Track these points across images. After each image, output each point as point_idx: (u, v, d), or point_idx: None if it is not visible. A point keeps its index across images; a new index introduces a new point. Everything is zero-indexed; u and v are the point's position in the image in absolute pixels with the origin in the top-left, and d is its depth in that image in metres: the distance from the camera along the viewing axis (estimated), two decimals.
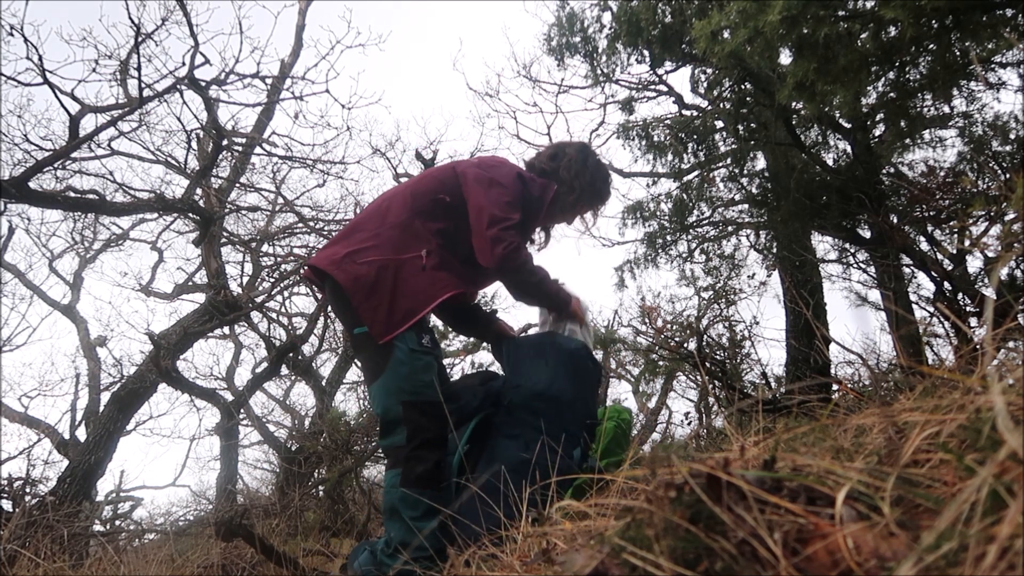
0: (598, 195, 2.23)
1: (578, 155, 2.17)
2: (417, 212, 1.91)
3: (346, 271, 1.84)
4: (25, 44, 5.00)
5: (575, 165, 2.14)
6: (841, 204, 5.50)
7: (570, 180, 2.12)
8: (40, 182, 5.84)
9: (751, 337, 5.15)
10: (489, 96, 8.44)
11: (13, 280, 9.92)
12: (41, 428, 8.39)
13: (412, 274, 1.84)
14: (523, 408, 1.93)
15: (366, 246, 1.88)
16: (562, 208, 2.18)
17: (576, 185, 2.13)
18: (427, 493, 1.73)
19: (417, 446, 1.77)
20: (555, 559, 0.90)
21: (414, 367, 1.79)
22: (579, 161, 2.15)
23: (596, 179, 2.19)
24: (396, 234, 1.88)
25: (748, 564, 0.51)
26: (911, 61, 4.26)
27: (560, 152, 2.18)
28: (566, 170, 2.12)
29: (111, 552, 3.38)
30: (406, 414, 1.78)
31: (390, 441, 1.82)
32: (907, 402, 0.94)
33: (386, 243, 1.88)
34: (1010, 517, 0.45)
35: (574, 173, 2.13)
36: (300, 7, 8.04)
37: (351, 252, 1.87)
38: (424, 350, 1.82)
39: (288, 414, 11.63)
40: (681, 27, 5.84)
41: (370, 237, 1.89)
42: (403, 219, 1.90)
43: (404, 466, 1.76)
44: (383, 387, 1.81)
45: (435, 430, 1.78)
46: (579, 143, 2.26)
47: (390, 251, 1.86)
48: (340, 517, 4.46)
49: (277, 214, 9.21)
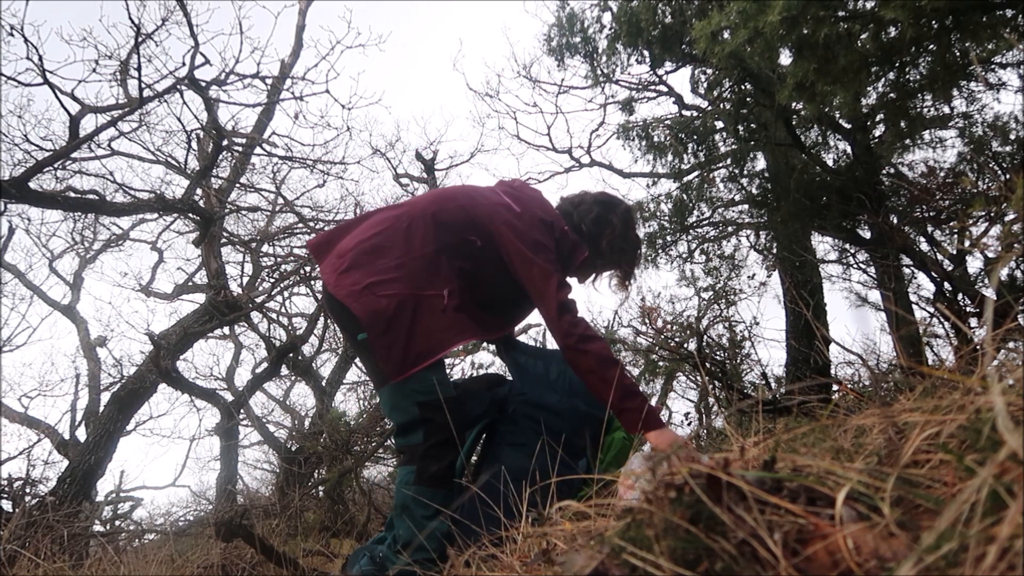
0: (631, 269, 2.17)
1: (621, 227, 2.06)
2: (443, 246, 1.84)
3: (364, 304, 1.79)
4: (25, 44, 5.01)
5: (618, 242, 2.04)
6: (841, 204, 5.50)
7: (607, 254, 2.05)
8: (40, 182, 5.85)
9: (751, 337, 5.15)
10: (489, 96, 8.46)
11: (13, 280, 9.93)
12: (41, 428, 8.39)
13: (430, 313, 1.78)
14: (528, 417, 1.92)
15: (389, 278, 1.81)
16: (586, 269, 2.11)
17: (611, 259, 2.07)
18: (440, 493, 1.73)
19: (433, 444, 1.76)
20: (555, 559, 0.90)
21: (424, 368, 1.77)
22: (621, 237, 2.05)
23: (630, 254, 2.12)
24: (420, 267, 1.82)
25: (748, 564, 0.51)
26: (911, 62, 4.26)
27: (605, 219, 2.04)
28: (608, 243, 2.03)
29: (111, 552, 3.38)
30: (423, 414, 1.76)
31: (408, 440, 1.81)
32: (907, 402, 0.94)
33: (409, 276, 1.81)
34: (1010, 518, 0.45)
35: (615, 248, 2.05)
36: (300, 7, 8.04)
37: (372, 283, 1.81)
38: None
39: (288, 414, 11.63)
40: (681, 27, 5.84)
41: (394, 268, 1.82)
42: (429, 252, 1.83)
43: (419, 463, 1.76)
44: (396, 391, 1.79)
45: (450, 429, 1.77)
46: (625, 210, 2.12)
47: (412, 286, 1.80)
48: (340, 517, 4.46)
49: (277, 214, 9.22)
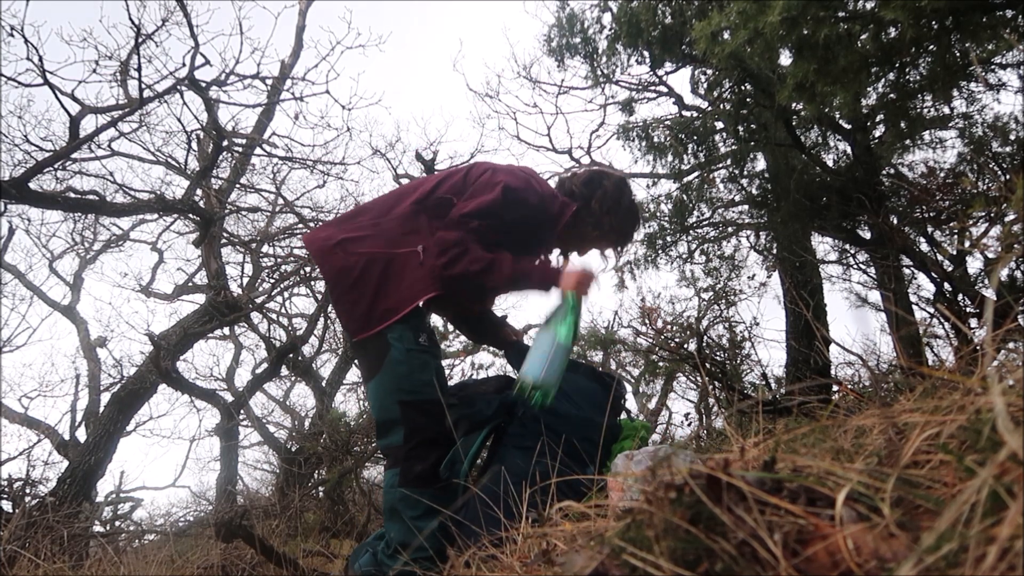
0: (624, 237, 2.10)
1: (614, 191, 2.02)
2: (424, 207, 1.85)
3: (332, 261, 1.81)
4: (26, 45, 5.01)
5: (608, 201, 2.00)
6: (841, 205, 5.50)
7: (599, 215, 1.99)
8: (40, 183, 5.84)
9: (751, 338, 5.15)
10: (489, 97, 8.44)
11: (13, 281, 9.92)
12: (41, 429, 8.38)
13: (401, 271, 1.78)
14: (535, 421, 1.92)
15: (362, 235, 1.82)
16: (582, 237, 2.06)
17: (604, 222, 2.01)
18: (427, 492, 1.72)
19: (415, 445, 1.76)
20: (555, 560, 0.90)
21: (411, 366, 1.76)
22: (613, 198, 2.01)
23: (626, 221, 2.06)
24: (395, 226, 1.83)
25: (748, 565, 0.51)
26: (911, 62, 4.26)
27: (597, 181, 2.03)
28: (599, 202, 1.99)
29: (111, 553, 3.38)
30: (403, 413, 1.76)
31: (388, 441, 1.81)
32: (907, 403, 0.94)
33: (383, 234, 1.82)
34: (1010, 518, 0.45)
35: (606, 209, 1.99)
36: (300, 8, 8.04)
37: (344, 240, 1.82)
38: (421, 348, 1.79)
39: (288, 415, 11.64)
40: (681, 28, 5.84)
41: (370, 225, 1.84)
42: (408, 211, 1.84)
43: (403, 465, 1.75)
44: (380, 386, 1.79)
45: (433, 429, 1.76)
46: (619, 177, 2.10)
47: (385, 243, 1.81)
48: (340, 518, 4.46)
49: (277, 215, 9.22)
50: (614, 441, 2.09)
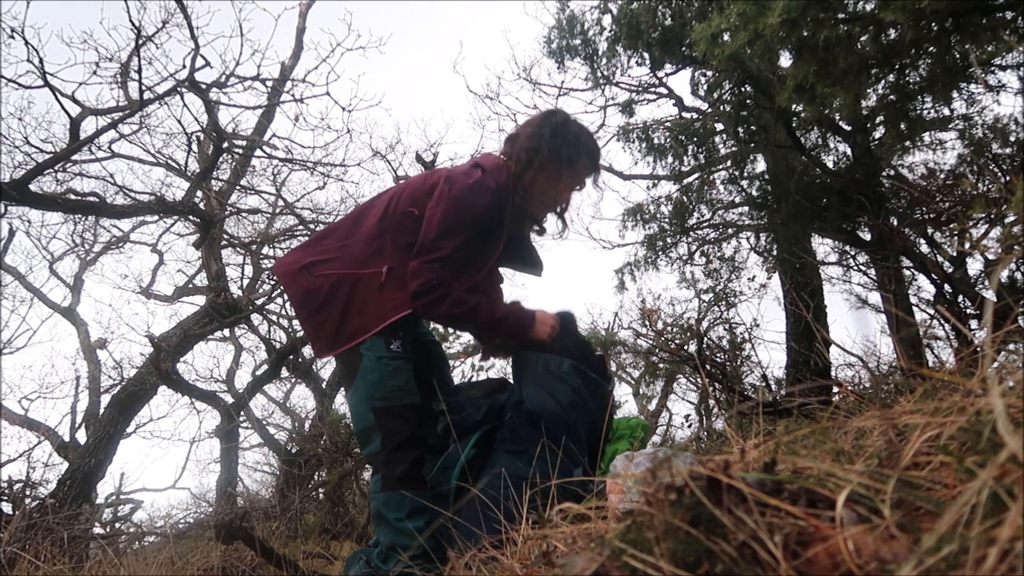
0: (566, 161, 1.89)
1: (535, 130, 1.88)
2: (388, 225, 1.85)
3: (299, 284, 1.83)
4: (26, 47, 5.01)
5: (532, 142, 1.87)
6: (841, 206, 5.51)
7: (528, 160, 1.87)
8: (41, 184, 5.85)
9: (751, 339, 5.15)
10: (489, 99, 8.43)
11: (13, 282, 9.92)
12: (41, 430, 8.38)
13: (367, 291, 1.79)
14: (525, 424, 1.92)
15: (328, 257, 1.84)
16: (537, 191, 1.92)
17: (535, 162, 1.86)
18: (408, 495, 1.74)
19: (392, 449, 1.77)
20: (555, 562, 0.90)
21: (383, 373, 1.77)
22: (535, 136, 1.87)
23: (562, 146, 1.87)
24: (361, 247, 1.84)
25: (748, 567, 0.51)
26: (911, 64, 4.26)
27: (514, 133, 1.93)
28: (522, 151, 1.88)
29: (111, 555, 3.38)
30: (378, 420, 1.78)
31: (369, 449, 1.83)
32: (907, 404, 0.94)
33: (349, 256, 1.83)
34: (1010, 520, 0.45)
35: (532, 149, 1.87)
36: (300, 9, 8.05)
37: (311, 263, 1.84)
38: (393, 355, 1.79)
39: (288, 416, 11.63)
40: (681, 30, 5.85)
41: (336, 248, 1.86)
42: (373, 231, 1.85)
43: (383, 471, 1.78)
44: (355, 395, 1.81)
45: (408, 431, 1.79)
46: (540, 114, 1.96)
47: (351, 264, 1.82)
48: (340, 520, 4.46)
49: (277, 216, 9.21)
50: (607, 442, 2.08)
